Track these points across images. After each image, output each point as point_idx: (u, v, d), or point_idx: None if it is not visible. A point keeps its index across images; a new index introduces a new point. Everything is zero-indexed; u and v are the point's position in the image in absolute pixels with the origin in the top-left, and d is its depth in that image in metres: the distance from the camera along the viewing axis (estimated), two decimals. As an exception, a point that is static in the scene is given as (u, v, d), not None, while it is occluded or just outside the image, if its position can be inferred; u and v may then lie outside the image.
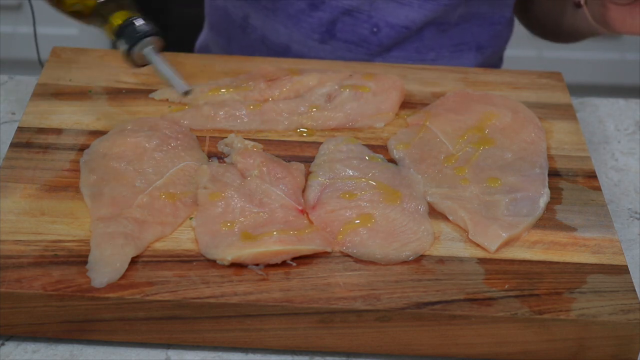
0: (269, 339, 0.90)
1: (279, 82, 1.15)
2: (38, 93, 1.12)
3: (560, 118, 1.15)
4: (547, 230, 0.98)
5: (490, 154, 1.06)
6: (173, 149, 1.03)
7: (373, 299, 0.89)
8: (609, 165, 1.17)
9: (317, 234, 0.94)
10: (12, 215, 0.95)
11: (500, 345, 0.90)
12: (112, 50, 1.21)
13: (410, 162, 1.05)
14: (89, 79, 1.15)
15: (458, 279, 0.92)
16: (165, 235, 0.94)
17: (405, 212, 0.98)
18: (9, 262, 0.90)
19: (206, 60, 1.20)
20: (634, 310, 0.90)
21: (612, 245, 0.97)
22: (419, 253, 0.94)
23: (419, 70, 1.22)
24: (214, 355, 0.90)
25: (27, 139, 1.05)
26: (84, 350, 0.90)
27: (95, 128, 1.08)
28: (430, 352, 0.91)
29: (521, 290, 0.91)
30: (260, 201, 0.98)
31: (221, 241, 0.93)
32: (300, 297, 0.89)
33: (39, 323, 0.89)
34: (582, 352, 0.90)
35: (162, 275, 0.90)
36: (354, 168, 1.03)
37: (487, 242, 0.95)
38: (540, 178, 1.03)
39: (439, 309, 0.89)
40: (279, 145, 1.08)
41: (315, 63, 1.21)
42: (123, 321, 0.89)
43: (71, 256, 0.91)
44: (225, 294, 0.89)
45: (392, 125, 1.12)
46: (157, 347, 0.90)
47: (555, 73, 1.23)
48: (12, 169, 1.01)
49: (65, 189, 0.99)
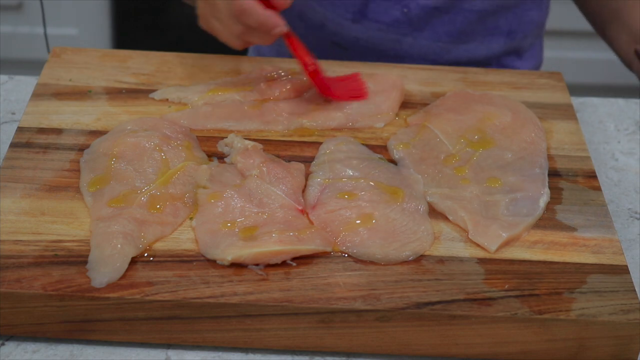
0: (269, 339, 0.90)
1: (279, 82, 1.15)
2: (38, 93, 1.12)
3: (560, 118, 1.15)
4: (547, 230, 0.98)
5: (490, 154, 1.06)
6: (173, 149, 1.03)
7: (373, 299, 0.89)
8: (609, 165, 1.17)
9: (317, 234, 0.94)
10: (12, 215, 0.95)
11: (500, 345, 0.90)
12: (112, 50, 1.22)
13: (410, 162, 1.05)
14: (89, 79, 1.15)
15: (458, 279, 0.92)
16: (165, 235, 0.94)
17: (405, 212, 0.98)
18: (9, 262, 0.90)
19: (206, 60, 1.20)
20: (634, 310, 0.90)
21: (612, 245, 0.97)
22: (419, 253, 0.94)
23: (419, 70, 1.22)
24: (214, 355, 0.90)
25: (27, 139, 1.05)
26: (84, 350, 0.90)
27: (95, 128, 1.08)
28: (430, 352, 0.91)
29: (521, 290, 0.91)
30: (260, 201, 0.98)
31: (221, 241, 0.93)
32: (300, 297, 0.89)
33: (39, 323, 0.89)
34: (582, 352, 0.90)
35: (162, 275, 0.90)
36: (354, 168, 1.03)
37: (487, 242, 0.95)
38: (540, 178, 1.03)
39: (439, 309, 0.89)
40: (279, 145, 1.08)
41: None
42: (123, 321, 0.89)
43: (71, 256, 0.91)
44: (225, 294, 0.89)
45: (392, 125, 1.12)
46: (157, 347, 0.90)
47: (555, 73, 1.23)
48: (12, 169, 1.01)
49: (65, 189, 0.99)
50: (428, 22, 1.29)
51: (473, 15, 1.29)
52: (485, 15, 1.30)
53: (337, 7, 1.29)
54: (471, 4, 1.28)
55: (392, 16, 1.29)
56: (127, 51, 1.21)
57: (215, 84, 1.15)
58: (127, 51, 1.21)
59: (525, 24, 1.34)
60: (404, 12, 1.28)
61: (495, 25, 1.31)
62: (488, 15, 1.30)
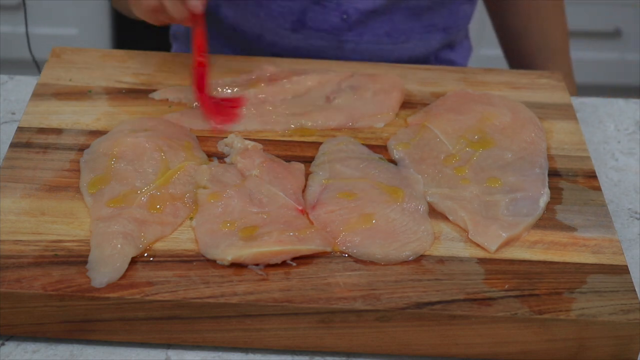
0: (269, 339, 0.90)
1: (278, 82, 1.15)
2: (38, 93, 1.12)
3: (560, 118, 1.15)
4: (547, 230, 0.98)
5: (490, 154, 1.06)
6: (173, 149, 1.03)
7: (373, 299, 0.89)
8: (609, 165, 1.17)
9: (317, 234, 0.94)
10: (12, 215, 0.95)
11: (500, 345, 0.90)
12: (112, 50, 1.22)
13: (410, 162, 1.05)
14: (89, 79, 1.15)
15: (458, 279, 0.92)
16: (165, 235, 0.94)
17: (405, 212, 0.98)
18: (9, 262, 0.90)
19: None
20: (634, 310, 0.90)
21: (612, 245, 0.97)
22: (419, 253, 0.94)
23: (419, 70, 1.22)
24: (214, 355, 0.90)
25: (27, 139, 1.05)
26: (84, 350, 0.90)
27: (95, 128, 1.08)
28: (430, 352, 0.91)
29: (521, 290, 0.91)
30: (260, 201, 0.98)
31: (221, 241, 0.93)
32: (300, 297, 0.89)
33: (39, 323, 0.89)
34: (582, 352, 0.90)
35: (162, 275, 0.90)
36: (354, 168, 1.03)
37: (487, 242, 0.95)
38: (540, 178, 1.03)
39: (439, 309, 0.89)
40: (279, 145, 1.08)
41: (316, 63, 1.21)
42: (123, 321, 0.89)
43: (71, 256, 0.91)
44: (225, 294, 0.89)
45: (392, 125, 1.12)
46: (157, 347, 0.90)
47: (556, 73, 1.23)
48: (12, 169, 1.01)
49: (65, 189, 0.99)
50: (367, 25, 1.29)
51: (409, 13, 1.30)
52: (421, 13, 1.31)
53: (275, 18, 1.28)
54: (407, 3, 1.28)
55: (332, 23, 1.28)
56: (127, 51, 1.21)
57: (215, 84, 1.15)
58: (127, 51, 1.21)
59: (460, 19, 1.36)
60: (344, 19, 1.28)
61: (431, 22, 1.32)
62: (424, 12, 1.31)
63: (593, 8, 2.47)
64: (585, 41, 2.51)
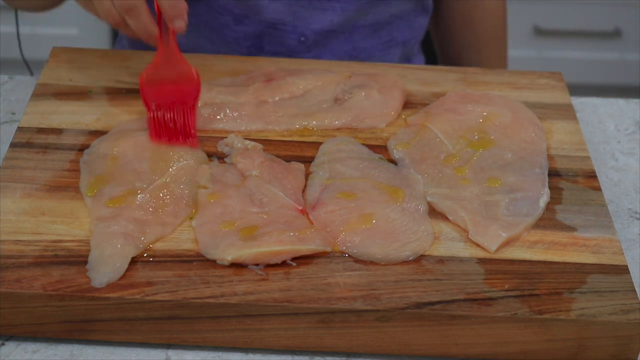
0: (269, 339, 0.90)
1: (278, 83, 1.15)
2: (38, 93, 1.12)
3: (560, 118, 1.15)
4: (547, 230, 0.98)
5: (490, 154, 1.06)
6: (173, 148, 1.03)
7: (373, 299, 0.89)
8: (609, 165, 1.17)
9: (317, 234, 0.94)
10: (12, 215, 0.95)
11: (500, 345, 0.90)
12: (112, 50, 1.22)
13: (410, 162, 1.05)
14: (89, 79, 1.15)
15: (458, 279, 0.92)
16: (165, 235, 0.94)
17: (405, 212, 0.98)
18: (9, 262, 0.90)
19: (206, 60, 1.20)
20: (634, 310, 0.90)
21: (612, 245, 0.97)
22: (419, 253, 0.94)
23: (419, 70, 1.22)
24: (214, 355, 0.90)
25: (27, 139, 1.05)
26: (84, 350, 0.90)
27: (95, 128, 1.08)
28: (430, 352, 0.91)
29: (521, 290, 0.91)
30: (260, 201, 0.98)
31: (221, 241, 0.93)
32: (300, 297, 0.89)
33: (39, 323, 0.89)
34: (582, 352, 0.90)
35: (162, 275, 0.90)
36: (354, 168, 1.03)
37: (487, 242, 0.95)
38: (540, 178, 1.03)
39: (439, 309, 0.89)
40: (279, 145, 1.08)
41: (315, 63, 1.21)
42: (123, 321, 0.89)
43: (71, 256, 0.91)
44: (225, 294, 0.89)
45: (392, 125, 1.12)
46: (157, 347, 0.90)
47: (555, 73, 1.23)
48: (12, 169, 1.01)
49: (65, 189, 0.99)
50: (326, 45, 1.29)
51: (369, 30, 1.30)
52: (379, 28, 1.30)
53: (230, 44, 1.28)
54: (365, 19, 1.28)
55: (289, 45, 1.28)
56: (127, 51, 1.21)
57: (215, 84, 1.15)
58: (127, 51, 1.21)
59: (416, 31, 1.36)
60: (301, 41, 1.27)
61: (390, 37, 1.32)
62: (382, 28, 1.30)
63: (593, 8, 2.47)
64: (585, 41, 2.51)
